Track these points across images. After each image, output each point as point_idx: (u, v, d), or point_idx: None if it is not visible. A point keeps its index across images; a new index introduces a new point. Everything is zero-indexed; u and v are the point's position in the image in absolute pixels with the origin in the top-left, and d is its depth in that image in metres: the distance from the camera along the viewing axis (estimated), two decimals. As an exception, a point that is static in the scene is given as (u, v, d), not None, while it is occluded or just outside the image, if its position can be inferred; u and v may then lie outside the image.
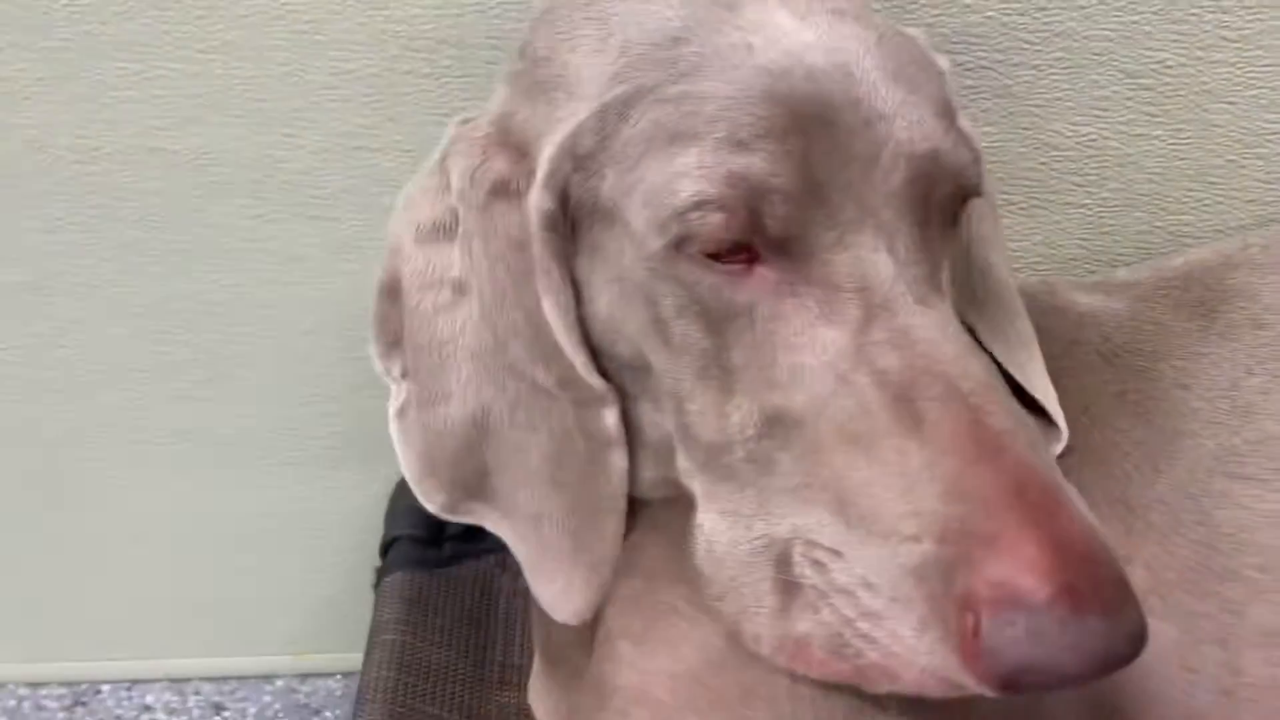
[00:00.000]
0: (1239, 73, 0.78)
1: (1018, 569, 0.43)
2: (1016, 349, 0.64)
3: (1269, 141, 0.81)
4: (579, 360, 0.56)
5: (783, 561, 0.51)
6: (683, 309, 0.52)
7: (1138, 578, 0.59)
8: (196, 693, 1.19)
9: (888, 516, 0.47)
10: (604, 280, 0.56)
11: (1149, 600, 0.58)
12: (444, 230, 0.59)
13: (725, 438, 0.53)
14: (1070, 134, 0.81)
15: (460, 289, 0.59)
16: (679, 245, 0.51)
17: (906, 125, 0.51)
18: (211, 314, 0.90)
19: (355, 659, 0.84)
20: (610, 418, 0.58)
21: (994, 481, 0.45)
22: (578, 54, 0.55)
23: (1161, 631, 0.58)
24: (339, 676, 1.19)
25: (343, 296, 0.89)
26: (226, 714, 1.18)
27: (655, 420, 0.59)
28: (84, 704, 1.18)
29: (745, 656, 0.54)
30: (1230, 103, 0.79)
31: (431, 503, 0.62)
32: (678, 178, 0.50)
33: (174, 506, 1.05)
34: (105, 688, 1.20)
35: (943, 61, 0.60)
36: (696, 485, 0.56)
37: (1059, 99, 0.79)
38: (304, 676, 1.20)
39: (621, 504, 0.59)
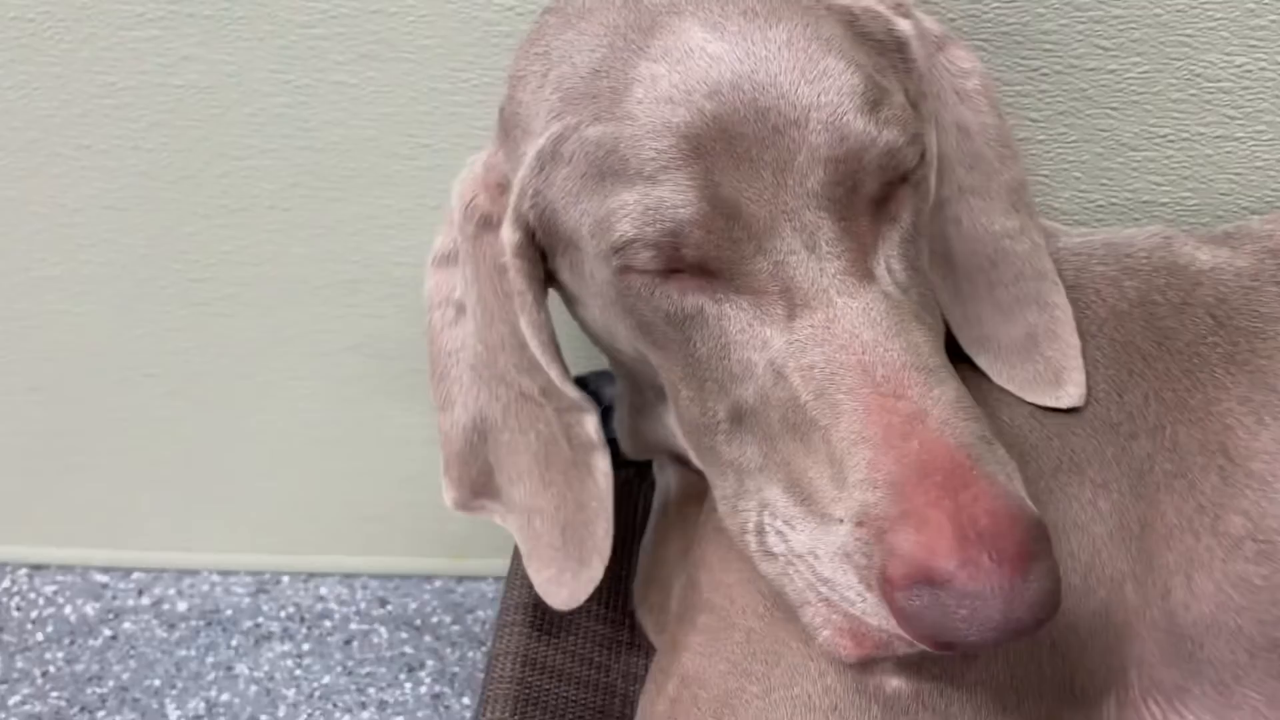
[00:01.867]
0: None
1: (920, 548, 0.47)
2: (986, 306, 0.64)
3: None
4: (554, 373, 0.63)
5: (759, 533, 0.56)
6: (653, 316, 0.56)
7: (1235, 525, 0.60)
8: (364, 587, 1.30)
9: (820, 500, 0.52)
10: (589, 295, 0.61)
11: (1245, 545, 0.60)
12: (451, 257, 0.67)
13: (707, 422, 0.57)
14: (1224, 65, 0.79)
15: (460, 308, 0.67)
16: (623, 272, 0.55)
17: (821, 128, 0.52)
18: (382, 236, 0.98)
19: (507, 565, 0.90)
20: (590, 424, 0.65)
21: (898, 466, 0.49)
22: (527, 90, 0.60)
23: (1254, 573, 0.60)
24: (491, 579, 1.28)
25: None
26: (389, 608, 1.29)
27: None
28: (266, 591, 1.31)
29: None
30: (1400, 31, 0.76)
31: (448, 498, 0.72)
32: (610, 215, 0.54)
33: (347, 416, 1.15)
34: (285, 578, 1.32)
35: (903, 26, 0.60)
36: (702, 469, 0.62)
37: (1211, 29, 0.78)
38: (460, 578, 1.29)
39: (608, 504, 0.66)
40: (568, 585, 0.68)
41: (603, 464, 0.66)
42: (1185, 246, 0.69)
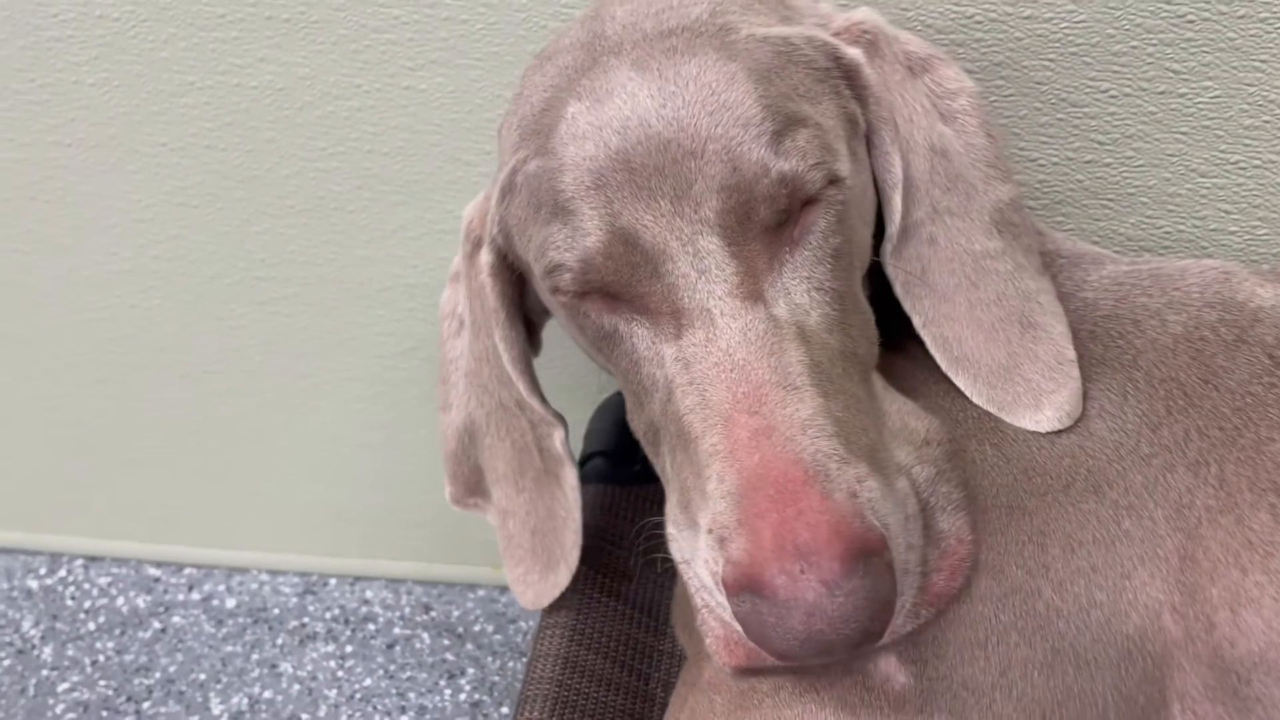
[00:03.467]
0: None
1: (745, 555, 0.50)
2: (967, 326, 0.64)
3: None
4: (522, 386, 0.69)
5: (670, 541, 0.59)
6: (588, 333, 0.61)
7: None
8: (409, 593, 1.31)
9: (692, 509, 0.55)
10: (555, 311, 0.66)
11: None
12: (459, 275, 0.73)
13: (641, 433, 0.62)
14: (1298, 91, 0.78)
15: (461, 321, 0.73)
16: (554, 293, 0.60)
17: (716, 158, 0.55)
18: (443, 241, 1.00)
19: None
20: (557, 439, 0.70)
21: (740, 478, 0.52)
22: (506, 126, 0.66)
23: None
24: (535, 592, 1.29)
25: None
26: (433, 614, 1.29)
27: None
28: (314, 593, 1.33)
29: None
30: None
31: (447, 493, 0.78)
32: (544, 243, 0.59)
33: (401, 420, 1.16)
34: (332, 580, 1.34)
35: (852, 54, 0.62)
36: None
37: (1287, 53, 0.77)
38: (503, 588, 1.30)
39: (576, 515, 0.70)
40: (534, 586, 0.73)
41: (570, 478, 0.70)
42: (1245, 283, 0.66)
